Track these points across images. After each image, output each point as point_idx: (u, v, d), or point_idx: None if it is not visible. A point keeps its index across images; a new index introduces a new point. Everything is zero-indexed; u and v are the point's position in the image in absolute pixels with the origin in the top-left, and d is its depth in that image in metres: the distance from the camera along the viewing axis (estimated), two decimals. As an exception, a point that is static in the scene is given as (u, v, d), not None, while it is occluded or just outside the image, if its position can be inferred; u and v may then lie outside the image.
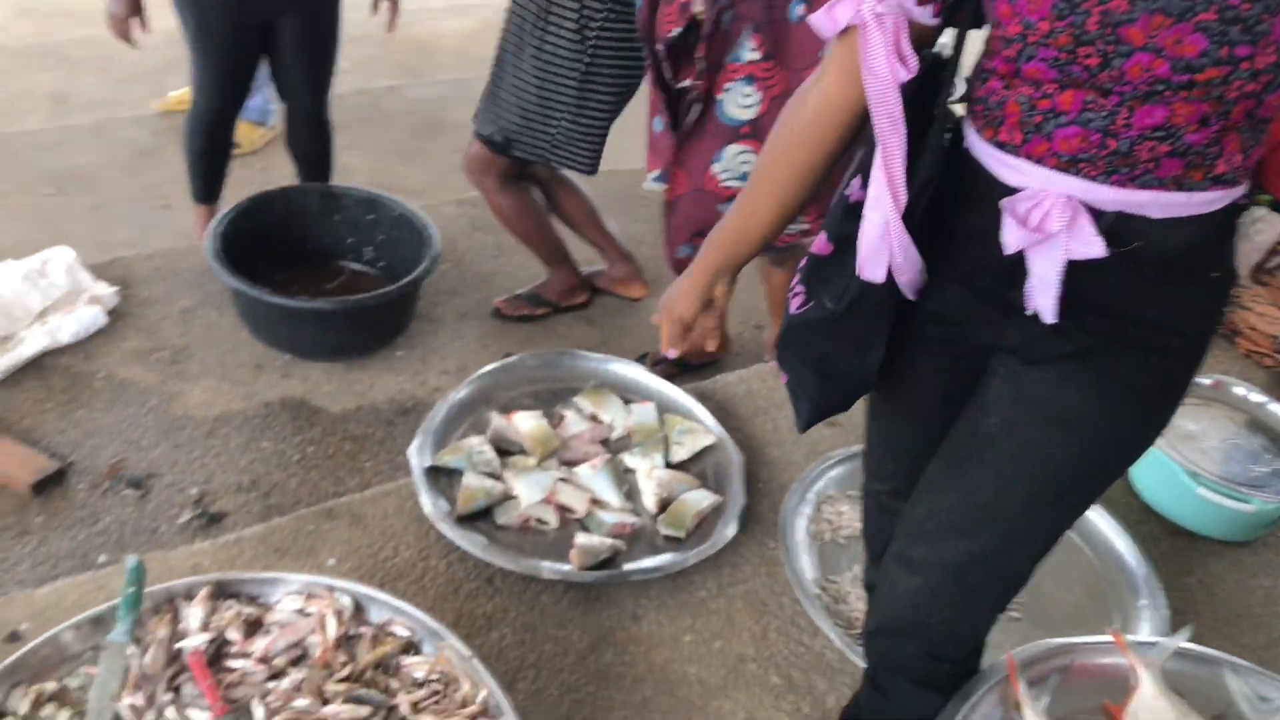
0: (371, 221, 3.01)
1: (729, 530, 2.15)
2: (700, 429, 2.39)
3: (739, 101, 2.19)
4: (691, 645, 1.98)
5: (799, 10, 2.10)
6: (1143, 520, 2.37)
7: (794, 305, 1.35)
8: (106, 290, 2.79)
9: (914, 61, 1.11)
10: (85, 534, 2.21)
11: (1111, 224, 1.08)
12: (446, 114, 4.48)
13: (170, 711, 1.53)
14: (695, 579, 2.10)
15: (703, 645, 1.98)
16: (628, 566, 2.06)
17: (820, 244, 1.31)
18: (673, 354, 1.48)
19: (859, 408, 1.47)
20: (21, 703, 1.52)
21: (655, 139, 2.36)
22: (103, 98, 4.46)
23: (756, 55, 2.13)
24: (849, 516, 2.26)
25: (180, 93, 3.93)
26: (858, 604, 2.08)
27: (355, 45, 4.99)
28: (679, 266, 2.32)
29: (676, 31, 2.14)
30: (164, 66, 4.50)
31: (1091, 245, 1.07)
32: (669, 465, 2.32)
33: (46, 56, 4.74)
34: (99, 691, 1.54)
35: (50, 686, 1.55)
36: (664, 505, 2.20)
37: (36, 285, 2.71)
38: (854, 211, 1.22)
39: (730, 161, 2.26)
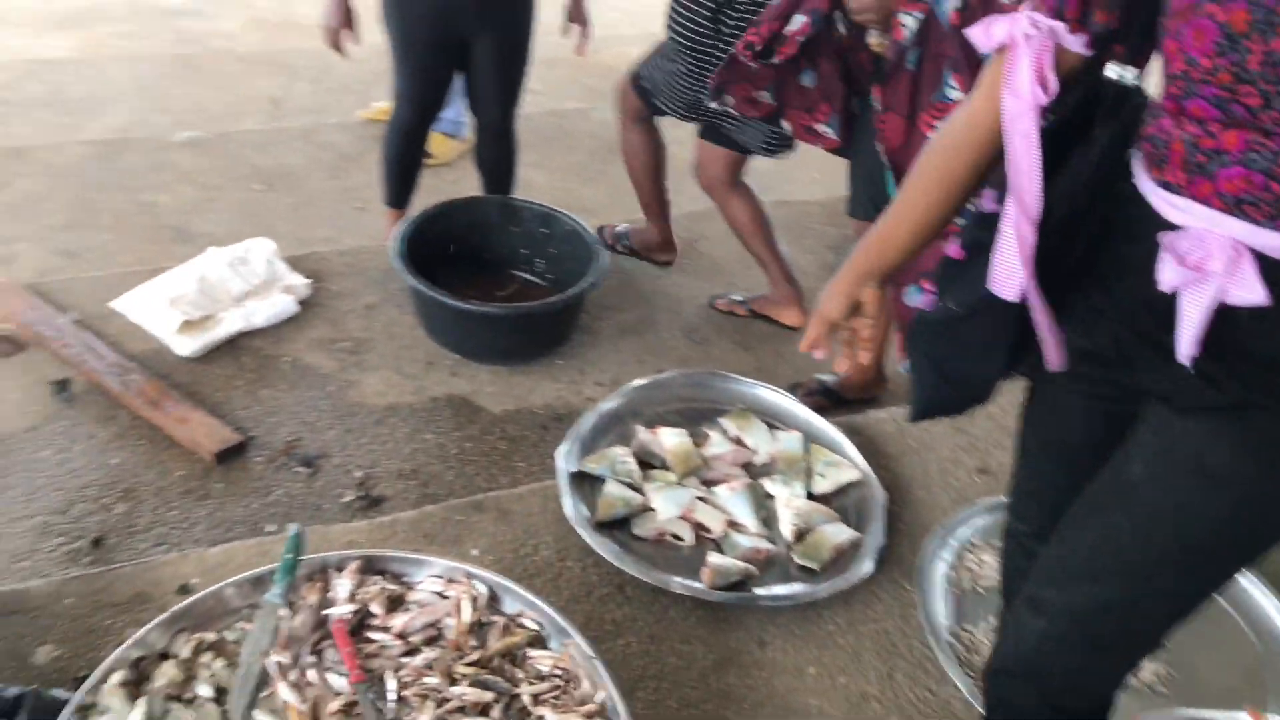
0: (545, 235, 3.13)
1: (865, 567, 2.14)
2: (845, 463, 2.38)
3: None
4: (815, 677, 1.97)
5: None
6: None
7: (924, 300, 1.37)
8: (300, 281, 3.00)
9: (1054, 86, 1.12)
10: (258, 504, 2.38)
11: (1277, 271, 1.04)
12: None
13: (311, 673, 1.64)
14: (825, 612, 2.09)
15: (826, 679, 1.97)
16: (759, 591, 2.08)
17: (954, 247, 1.32)
18: (830, 378, 1.52)
19: (1004, 442, 1.46)
20: (184, 648, 1.66)
21: None
22: (314, 104, 4.78)
23: (959, 94, 2.14)
24: (991, 567, 2.20)
25: (383, 104, 4.19)
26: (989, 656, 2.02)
27: (548, 67, 5.20)
28: (907, 313, 2.35)
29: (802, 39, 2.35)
30: (372, 79, 4.79)
31: (1253, 291, 1.03)
32: (810, 496, 2.32)
33: (269, 64, 5.12)
34: (251, 646, 1.66)
35: (210, 636, 1.69)
36: (801, 535, 2.20)
37: (239, 272, 2.94)
38: (985, 221, 1.23)
39: None
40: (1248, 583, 2.16)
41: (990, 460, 2.51)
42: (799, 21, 2.38)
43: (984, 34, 1.18)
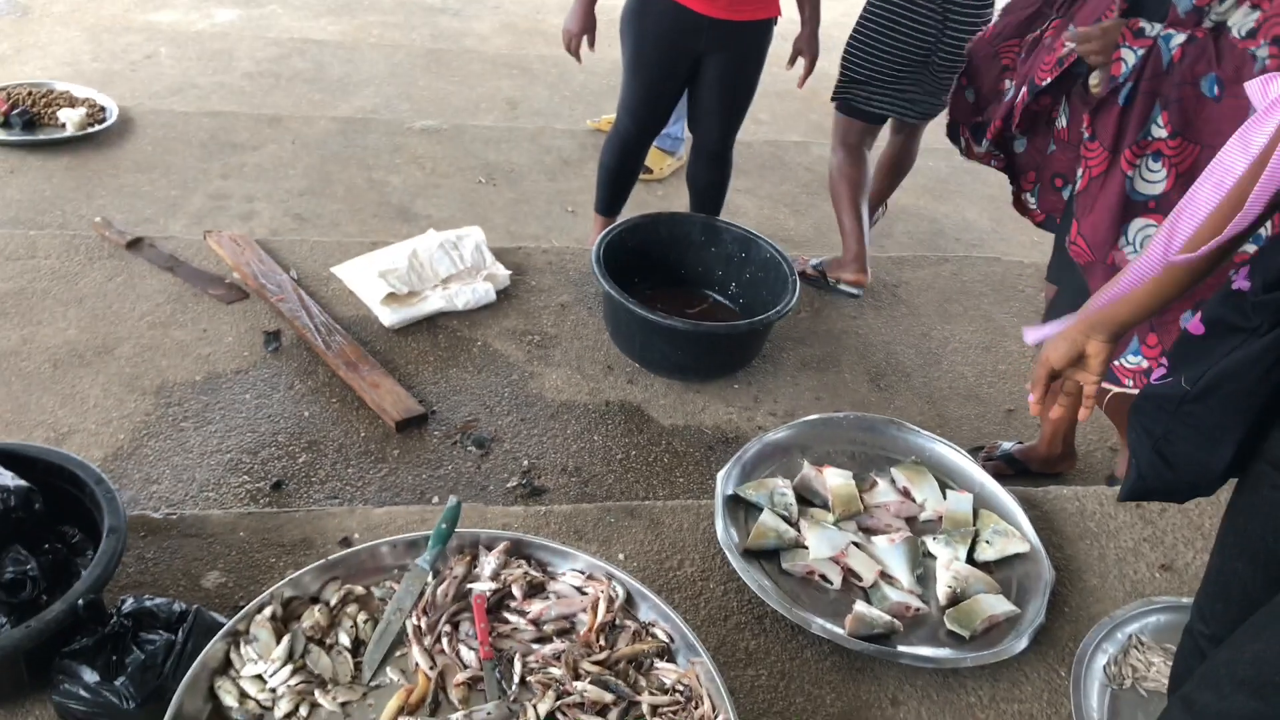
0: (743, 259, 3.13)
1: (1018, 644, 2.02)
2: (1015, 534, 2.26)
3: (1146, 177, 2.12)
4: (946, 748, 1.89)
5: (1215, 89, 1.99)
6: None
7: (1155, 375, 1.30)
8: (503, 272, 3.12)
9: None
10: (428, 475, 2.49)
11: None
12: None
13: (445, 642, 1.70)
14: (968, 683, 1.99)
15: (959, 752, 1.88)
16: (901, 648, 2.00)
17: (1195, 322, 1.25)
18: (1014, 446, 1.48)
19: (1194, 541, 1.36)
20: (333, 595, 1.75)
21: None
22: (547, 109, 4.98)
23: (1164, 132, 2.05)
24: (1158, 670, 2.05)
25: (610, 116, 4.31)
26: (1144, 765, 1.88)
27: (778, 99, 5.24)
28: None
29: (1047, 82, 2.25)
30: (604, 90, 4.96)
31: None
32: (972, 561, 2.22)
33: (512, 67, 5.37)
34: (394, 605, 1.74)
35: (358, 589, 1.77)
36: (954, 600, 2.11)
37: (449, 254, 3.08)
38: (1233, 299, 1.15)
39: (1134, 235, 2.19)
40: None
41: (1176, 558, 2.34)
42: (1017, 92, 2.36)
43: (1261, 91, 1.12)
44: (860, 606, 2.05)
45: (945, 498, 2.35)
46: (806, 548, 2.17)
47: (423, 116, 4.58)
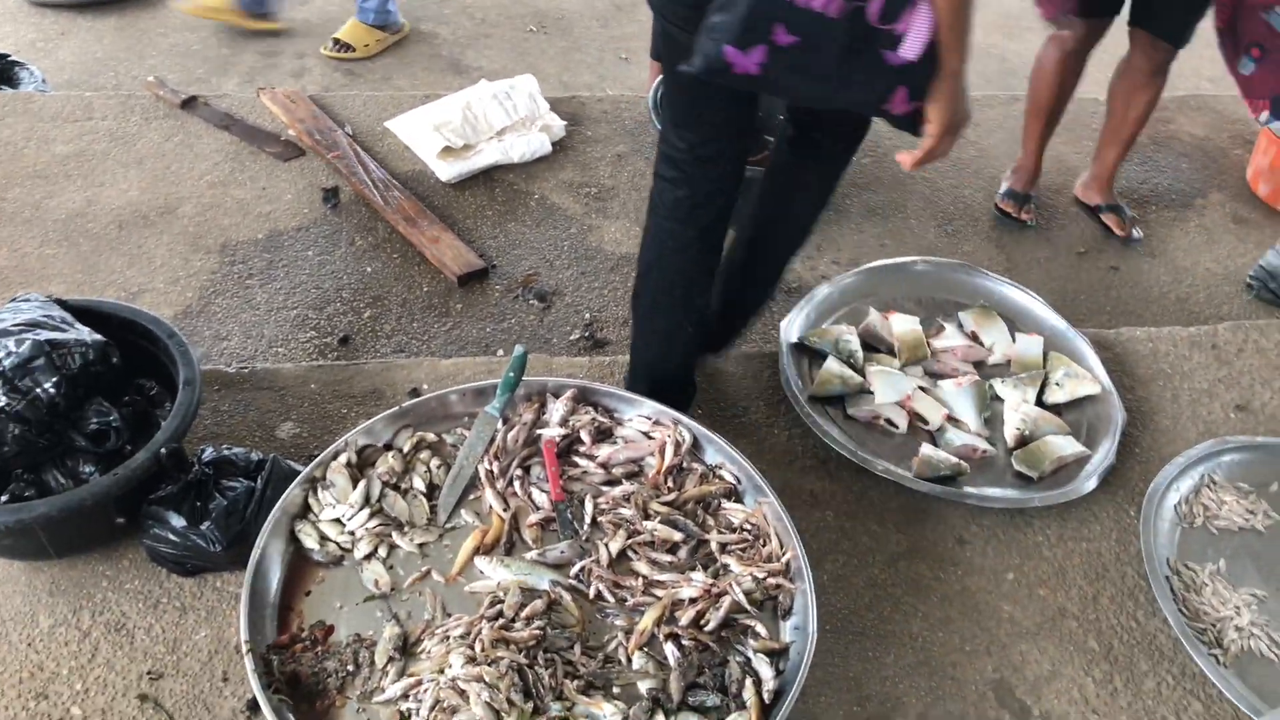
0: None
1: (1087, 484, 2.02)
2: (1087, 376, 2.22)
3: None
4: (1012, 584, 1.90)
5: None
6: None
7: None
8: (558, 122, 3.06)
9: None
10: (492, 328, 2.50)
11: None
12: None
13: (517, 485, 1.73)
14: (1036, 522, 2.00)
15: (1024, 587, 1.90)
16: (968, 489, 2.00)
17: None
18: None
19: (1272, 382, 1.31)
20: (406, 442, 1.78)
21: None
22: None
23: None
24: (1230, 509, 2.03)
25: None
26: (1212, 599, 1.88)
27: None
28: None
29: None
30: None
31: None
32: (1042, 404, 2.19)
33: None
34: (466, 451, 1.76)
35: (430, 436, 1.80)
36: (1023, 442, 2.10)
37: (502, 105, 3.03)
38: None
39: None
40: None
41: (1253, 398, 2.29)
42: None
43: None
44: (926, 449, 2.05)
45: (1014, 341, 2.32)
46: (872, 393, 2.16)
47: (470, -37, 4.44)
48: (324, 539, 1.65)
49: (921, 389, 2.18)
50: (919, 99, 1.52)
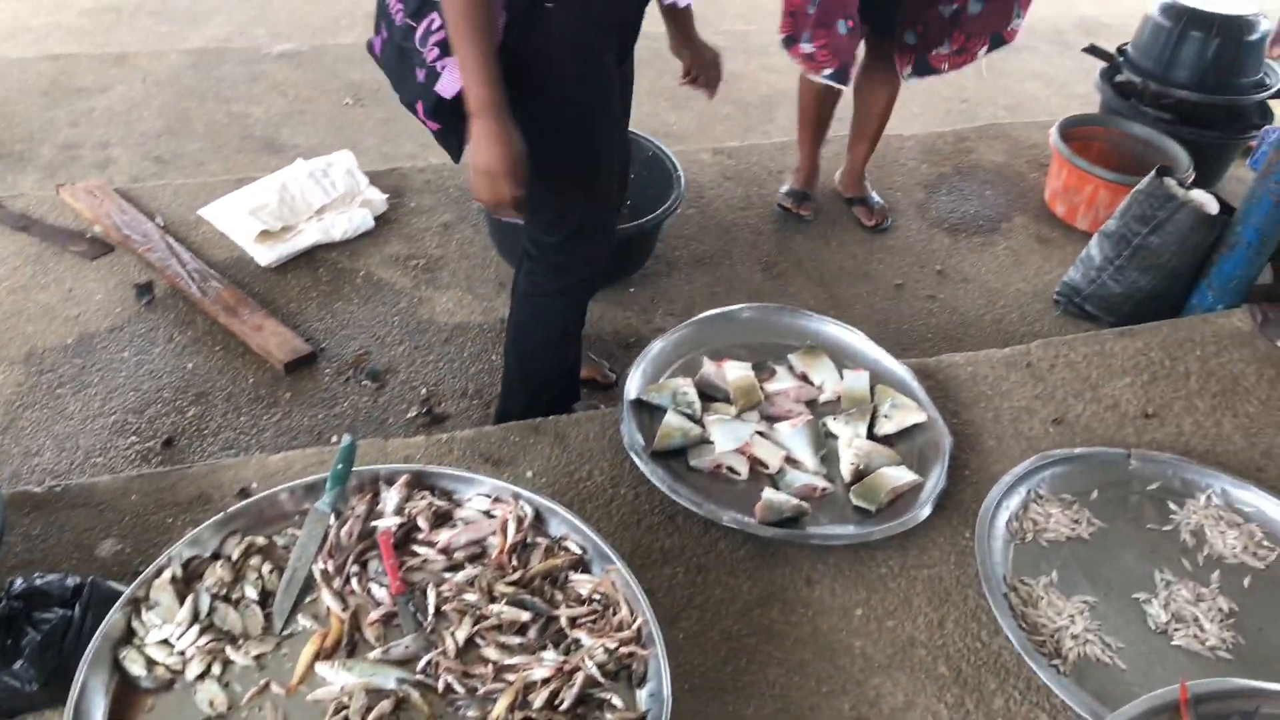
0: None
1: (922, 512, 2.08)
2: (912, 405, 2.31)
3: None
4: (861, 619, 1.94)
5: None
6: None
7: None
8: (378, 196, 3.02)
9: None
10: (324, 414, 2.43)
11: None
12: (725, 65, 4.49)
13: (355, 582, 1.68)
14: (878, 554, 2.05)
15: (873, 621, 1.94)
16: (811, 529, 2.04)
17: None
18: None
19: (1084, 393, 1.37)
20: (234, 550, 1.71)
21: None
22: (410, 20, 4.77)
23: None
24: (1058, 521, 2.13)
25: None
26: (1047, 610, 1.96)
27: (646, -12, 5.12)
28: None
29: None
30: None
31: None
32: (873, 437, 2.26)
33: (369, -22, 5.13)
34: (298, 552, 1.70)
35: (260, 540, 1.73)
36: (859, 476, 2.16)
37: (320, 183, 2.97)
38: None
39: None
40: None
41: (1067, 411, 2.42)
42: None
43: None
44: (768, 493, 2.08)
45: (842, 377, 2.39)
46: (712, 443, 2.18)
47: (280, 40, 4.36)
48: (151, 663, 1.56)
49: (759, 433, 2.22)
50: (436, 119, 1.88)
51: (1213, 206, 2.80)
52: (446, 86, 1.78)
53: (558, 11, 1.74)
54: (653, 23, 4.72)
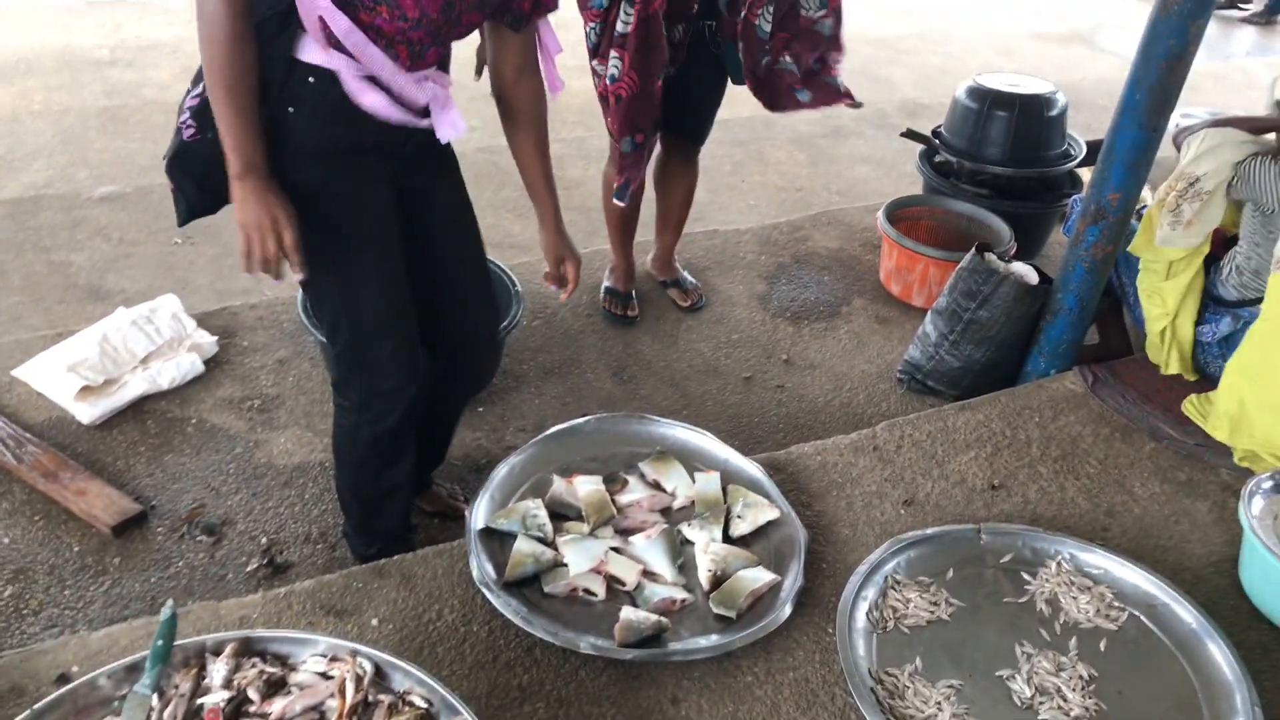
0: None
1: (783, 613, 2.06)
2: (765, 503, 2.30)
3: None
4: (731, 734, 1.89)
5: None
6: (1250, 627, 2.16)
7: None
8: (207, 339, 2.91)
9: None
10: (157, 577, 2.29)
11: None
12: (563, 172, 4.54)
13: (182, 768, 1.55)
14: (743, 662, 2.01)
15: (743, 735, 1.89)
16: (673, 645, 1.99)
17: None
18: None
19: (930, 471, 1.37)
20: (46, 748, 1.56)
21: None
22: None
23: None
24: (916, 605, 2.13)
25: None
26: (915, 700, 1.95)
27: (486, 102, 5.16)
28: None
29: None
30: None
31: None
32: (729, 539, 2.24)
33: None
34: (117, 742, 1.57)
35: (76, 733, 1.59)
36: (718, 582, 2.12)
37: (143, 331, 2.85)
38: None
39: None
40: (1192, 619, 2.09)
41: (916, 491, 2.45)
42: None
43: None
44: (626, 612, 2.03)
45: (694, 481, 2.37)
46: (566, 565, 2.13)
47: (104, 182, 4.23)
48: None
49: (614, 549, 2.17)
50: (170, 175, 1.98)
51: (1032, 277, 2.92)
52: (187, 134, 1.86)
53: (297, 119, 1.79)
54: (494, 135, 4.74)
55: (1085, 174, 3.90)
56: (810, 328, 3.33)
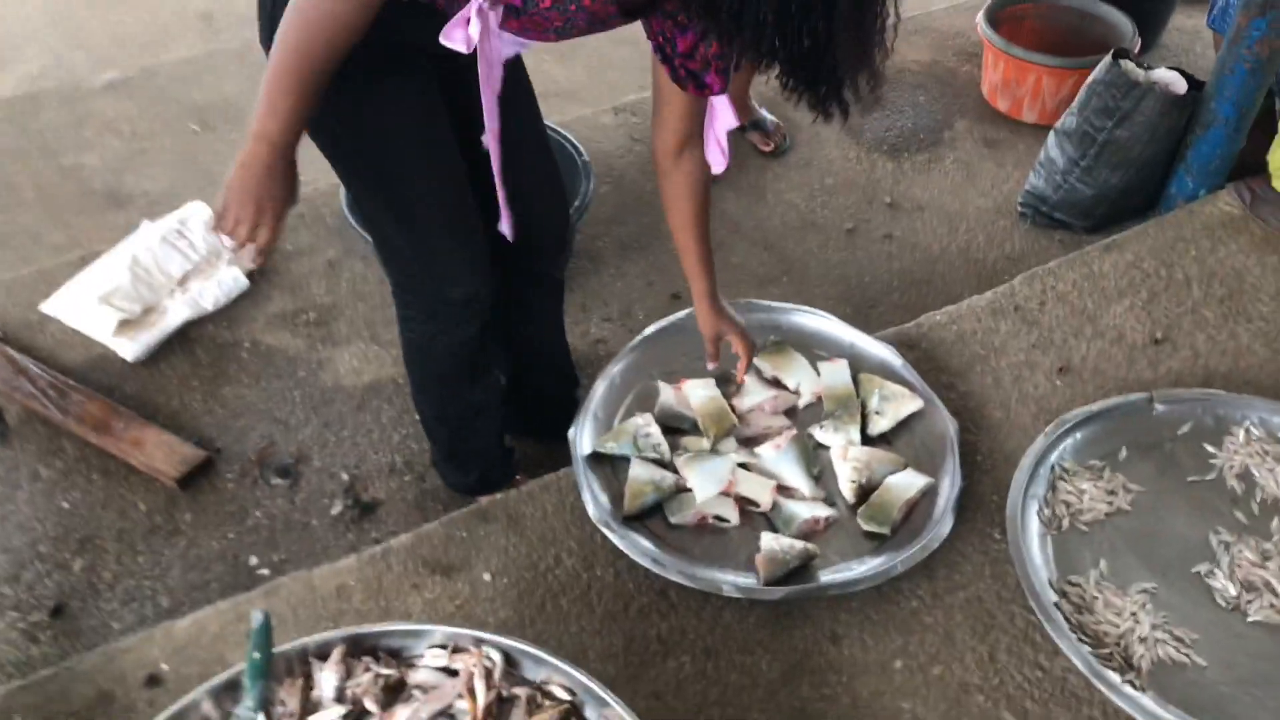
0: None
1: (944, 526, 1.80)
2: (904, 393, 2.00)
3: None
4: (904, 673, 1.66)
5: None
6: None
7: None
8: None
9: None
10: (235, 532, 2.08)
11: None
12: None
13: (304, 802, 1.35)
14: (905, 586, 1.77)
15: (918, 673, 1.66)
16: (824, 577, 1.75)
17: None
18: None
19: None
20: (149, 792, 1.37)
21: None
22: (250, 12, 4.25)
23: None
24: (1091, 497, 1.87)
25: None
26: (1106, 613, 1.71)
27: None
28: None
29: None
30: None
31: None
32: (867, 439, 1.96)
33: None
34: (227, 779, 1.37)
35: (178, 771, 1.40)
36: (864, 493, 1.86)
37: (176, 247, 2.56)
38: None
39: None
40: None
41: (1071, 355, 2.14)
42: None
43: None
44: (767, 540, 1.78)
45: (819, 373, 2.07)
46: (691, 490, 1.87)
47: (104, 66, 3.84)
48: None
49: (741, 465, 1.91)
50: None
51: (1180, 86, 2.50)
52: None
53: None
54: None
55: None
56: (912, 161, 2.95)
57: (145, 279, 2.47)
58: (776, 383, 2.07)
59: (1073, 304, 2.25)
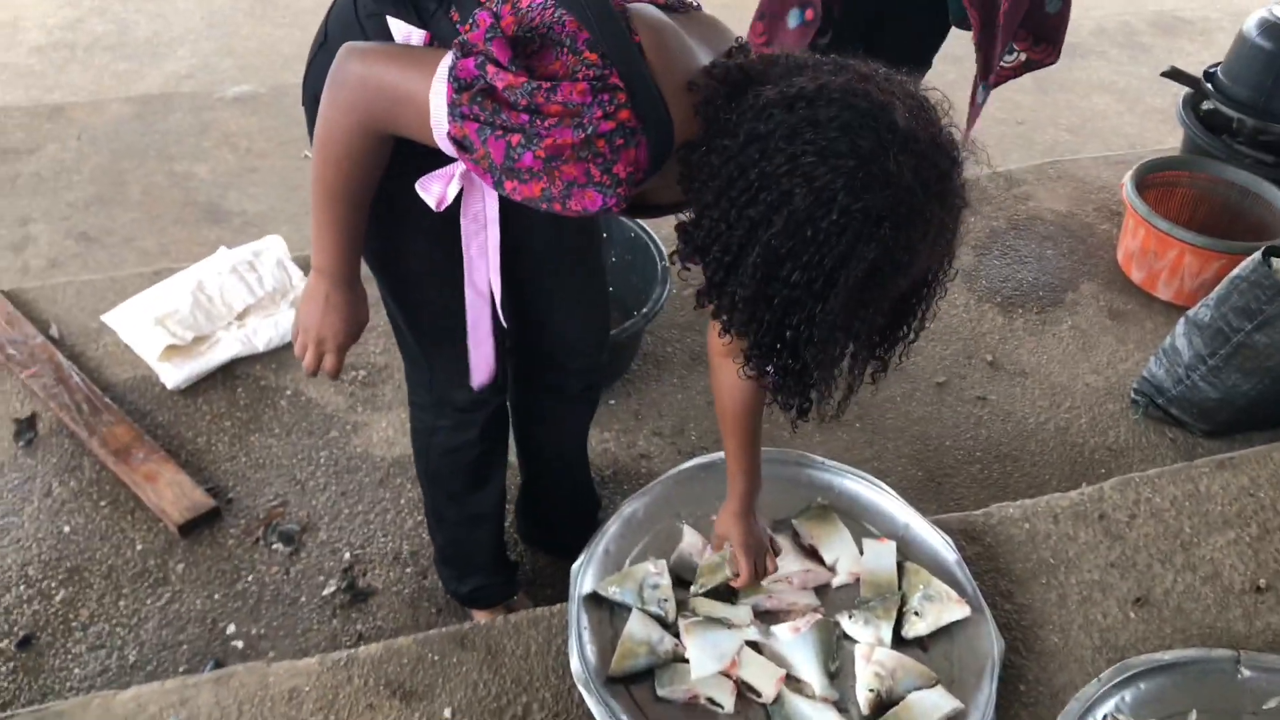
0: (603, 239, 2.57)
1: (964, 763, 1.57)
2: (951, 596, 1.78)
3: None
4: None
5: None
6: None
7: None
8: (312, 292, 2.55)
9: None
10: (221, 594, 1.99)
11: None
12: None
13: None
14: (905, 826, 1.55)
15: None
16: (814, 798, 1.54)
17: None
18: None
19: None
20: None
21: None
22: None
23: None
24: (1144, 764, 1.61)
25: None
26: None
27: None
28: None
29: None
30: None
31: None
32: (899, 640, 1.75)
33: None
34: None
35: None
36: (881, 706, 1.64)
37: (244, 279, 2.52)
38: None
39: None
40: None
41: (1153, 585, 1.89)
42: None
43: None
44: (760, 738, 1.59)
45: (862, 552, 1.87)
46: (688, 661, 1.69)
47: (247, 73, 3.91)
48: None
49: (750, 644, 1.72)
50: None
51: (1338, 297, 2.23)
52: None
53: None
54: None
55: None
56: (1025, 319, 2.72)
57: (205, 306, 2.43)
58: (813, 552, 1.88)
59: (1168, 524, 1.99)
